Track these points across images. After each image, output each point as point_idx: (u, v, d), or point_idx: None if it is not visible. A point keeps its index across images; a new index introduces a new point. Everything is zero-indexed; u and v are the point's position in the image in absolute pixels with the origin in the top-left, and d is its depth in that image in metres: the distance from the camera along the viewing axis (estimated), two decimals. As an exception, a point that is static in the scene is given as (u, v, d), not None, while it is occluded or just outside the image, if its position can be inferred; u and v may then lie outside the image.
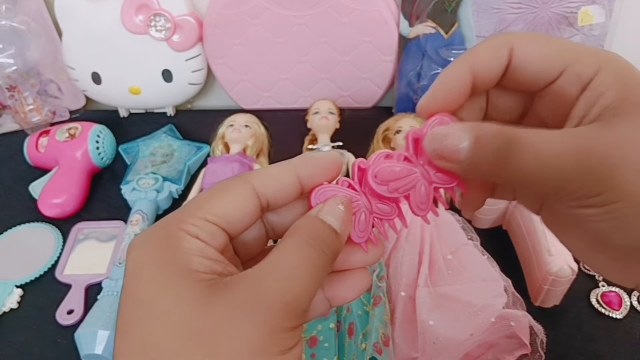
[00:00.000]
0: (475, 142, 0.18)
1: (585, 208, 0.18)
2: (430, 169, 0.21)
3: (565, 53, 0.19)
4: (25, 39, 0.62)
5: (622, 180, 0.17)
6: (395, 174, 0.20)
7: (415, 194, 0.21)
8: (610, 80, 0.18)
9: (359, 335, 0.39)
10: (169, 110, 0.67)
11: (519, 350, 0.39)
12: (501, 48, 0.19)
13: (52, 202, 0.54)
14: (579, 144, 0.17)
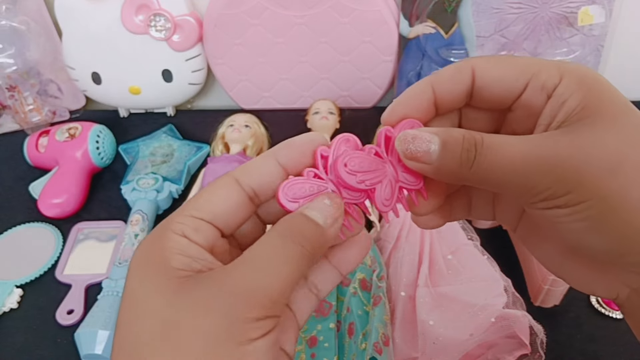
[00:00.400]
0: (444, 145, 0.19)
1: (555, 209, 0.18)
2: (398, 168, 0.21)
3: (528, 67, 0.20)
4: (25, 39, 0.62)
5: (588, 179, 0.17)
6: (365, 166, 0.21)
7: (381, 189, 0.21)
8: (573, 87, 0.19)
9: (359, 335, 0.39)
10: (169, 110, 0.67)
11: (519, 350, 0.39)
12: (463, 71, 0.20)
13: (52, 202, 0.54)
14: (544, 147, 0.18)
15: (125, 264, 0.47)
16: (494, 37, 0.58)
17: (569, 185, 0.18)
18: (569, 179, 0.18)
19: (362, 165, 0.21)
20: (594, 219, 0.18)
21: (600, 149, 0.17)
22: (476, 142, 0.19)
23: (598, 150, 0.17)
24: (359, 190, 0.21)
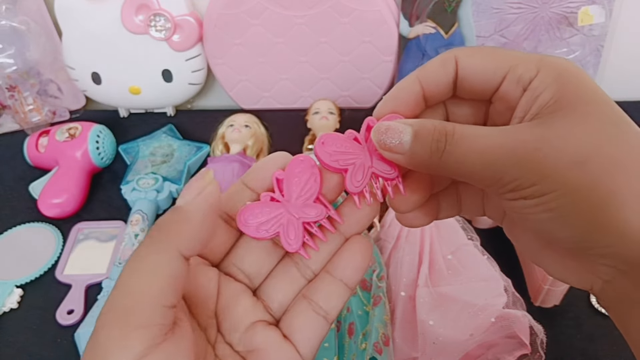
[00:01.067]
0: (415, 135, 0.19)
1: (522, 200, 0.19)
2: (374, 155, 0.22)
3: (506, 59, 0.20)
4: (25, 39, 0.62)
5: (553, 171, 0.18)
6: (341, 148, 0.22)
7: (353, 171, 0.21)
8: (549, 81, 0.19)
9: (359, 335, 0.39)
10: (169, 110, 0.67)
11: (519, 350, 0.39)
12: (447, 62, 0.21)
13: (52, 202, 0.54)
14: (512, 138, 0.18)
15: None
16: (494, 37, 0.58)
17: (535, 177, 0.18)
18: (535, 171, 0.18)
19: (338, 145, 0.22)
20: (559, 210, 0.18)
21: (569, 142, 0.18)
22: (447, 133, 0.19)
23: (566, 143, 0.18)
24: (332, 169, 0.22)
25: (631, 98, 0.66)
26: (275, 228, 0.21)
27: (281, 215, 0.21)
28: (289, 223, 0.21)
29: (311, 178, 0.22)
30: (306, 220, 0.22)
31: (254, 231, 0.21)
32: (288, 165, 0.22)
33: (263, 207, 0.21)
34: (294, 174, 0.22)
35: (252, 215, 0.21)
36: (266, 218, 0.21)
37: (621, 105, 0.20)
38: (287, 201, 0.22)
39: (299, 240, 0.21)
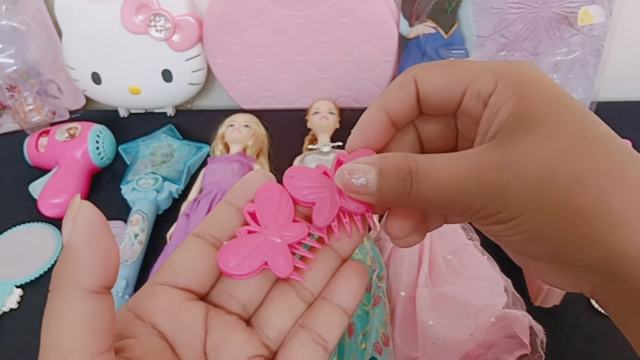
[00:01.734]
0: (380, 174, 0.19)
1: (493, 225, 0.19)
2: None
3: (465, 74, 0.20)
4: (25, 39, 0.62)
5: (517, 195, 0.17)
6: (308, 180, 0.21)
7: (320, 205, 0.21)
8: (507, 94, 0.18)
9: (359, 335, 0.39)
10: (168, 110, 0.67)
11: (519, 350, 0.39)
12: (406, 85, 0.21)
13: (52, 202, 0.54)
14: (473, 166, 0.18)
15: (126, 263, 0.47)
16: (494, 37, 0.58)
17: (500, 204, 0.18)
18: (499, 198, 0.17)
19: (306, 179, 0.21)
20: (530, 232, 0.18)
21: (530, 163, 0.17)
22: (410, 170, 0.19)
23: (527, 164, 0.17)
24: (300, 203, 0.21)
25: (631, 98, 0.66)
26: (261, 258, 0.20)
27: (264, 244, 0.20)
28: (274, 249, 0.20)
29: (282, 201, 0.21)
30: (290, 241, 0.21)
31: (239, 269, 0.20)
32: (255, 198, 0.21)
33: (242, 242, 0.20)
34: (264, 202, 0.21)
35: (233, 253, 0.20)
36: (249, 251, 0.20)
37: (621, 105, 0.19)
38: (265, 229, 0.21)
39: (289, 264, 0.20)
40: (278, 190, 0.21)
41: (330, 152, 0.54)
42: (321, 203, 0.21)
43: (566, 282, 0.20)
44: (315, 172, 0.22)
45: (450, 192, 0.18)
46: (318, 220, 0.21)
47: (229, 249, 0.20)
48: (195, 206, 0.50)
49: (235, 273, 0.20)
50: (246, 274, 0.20)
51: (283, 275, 0.20)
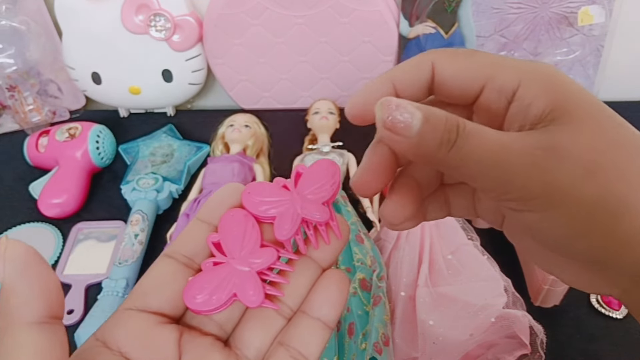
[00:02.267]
0: (425, 121, 0.17)
1: (529, 212, 0.18)
2: (303, 201, 0.20)
3: (484, 68, 0.19)
4: (25, 39, 0.62)
5: (563, 182, 0.17)
6: (267, 195, 0.21)
7: (281, 219, 0.20)
8: (536, 90, 0.18)
9: (359, 335, 0.39)
10: (169, 110, 0.67)
11: (519, 350, 0.39)
12: (422, 65, 0.20)
13: (52, 202, 0.54)
14: (522, 142, 0.17)
15: (126, 263, 0.47)
16: (494, 37, 0.58)
17: (543, 188, 0.17)
18: (543, 182, 0.17)
19: (265, 194, 0.21)
20: (572, 224, 0.17)
21: (575, 152, 0.17)
22: (458, 125, 0.17)
23: (577, 152, 0.17)
24: (259, 219, 0.20)
25: (631, 98, 0.66)
26: (229, 290, 0.19)
27: (231, 275, 0.19)
28: (242, 279, 0.19)
29: (248, 226, 0.20)
30: (259, 268, 0.20)
31: (207, 304, 0.19)
32: (219, 226, 0.20)
33: (208, 276, 0.19)
34: (229, 230, 0.20)
35: (199, 289, 0.19)
36: (216, 284, 0.19)
37: (621, 105, 0.20)
38: (231, 258, 0.20)
39: (259, 293, 0.19)
40: (242, 215, 0.20)
41: (330, 152, 0.55)
42: (282, 216, 0.20)
43: (592, 284, 0.19)
44: (273, 186, 0.21)
45: (495, 158, 0.17)
46: (280, 234, 0.20)
47: (195, 285, 0.19)
48: (195, 206, 0.50)
49: (203, 309, 0.19)
50: (214, 308, 0.19)
51: (253, 305, 0.19)
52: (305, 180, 0.21)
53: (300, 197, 0.21)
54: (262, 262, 0.20)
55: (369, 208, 0.51)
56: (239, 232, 0.20)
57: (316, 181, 0.21)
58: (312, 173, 0.21)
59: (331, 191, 0.21)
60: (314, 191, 0.21)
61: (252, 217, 0.20)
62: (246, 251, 0.20)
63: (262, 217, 0.20)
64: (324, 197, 0.21)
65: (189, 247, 0.20)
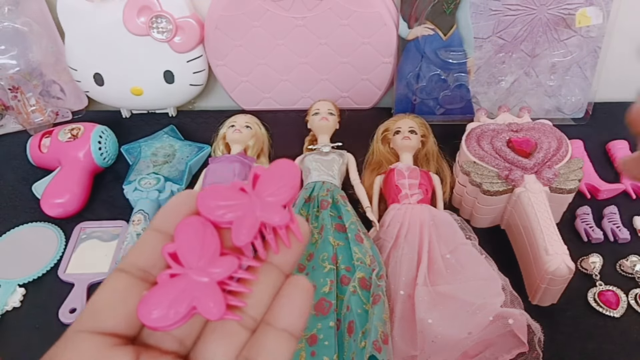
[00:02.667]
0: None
1: None
2: (262, 204, 0.19)
3: None
4: (28, 41, 0.62)
5: None
6: (223, 199, 0.19)
7: (239, 223, 0.19)
8: None
9: (358, 334, 0.40)
10: (170, 111, 0.68)
11: (516, 348, 0.40)
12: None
13: (55, 202, 0.54)
14: None
15: (127, 263, 0.48)
16: (492, 39, 0.59)
17: None
18: None
19: (221, 198, 0.19)
20: None
21: None
22: None
23: None
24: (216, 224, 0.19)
25: (628, 99, 0.66)
26: (188, 303, 0.18)
27: (189, 287, 0.18)
28: (201, 290, 0.18)
29: (206, 234, 0.19)
30: (220, 278, 0.18)
31: (164, 320, 0.17)
32: (174, 235, 0.19)
33: (164, 289, 0.18)
34: (185, 240, 0.19)
35: (155, 304, 0.17)
36: (173, 297, 0.18)
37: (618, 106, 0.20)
38: (189, 269, 0.18)
39: (220, 304, 0.18)
40: (200, 223, 0.19)
41: (330, 152, 0.55)
42: (239, 221, 0.19)
43: None
44: (230, 189, 0.20)
45: None
46: (237, 239, 0.19)
47: (150, 299, 0.18)
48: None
49: (159, 325, 0.17)
50: (172, 324, 0.18)
51: (214, 318, 0.18)
52: (263, 182, 0.20)
53: (259, 199, 0.19)
54: (222, 271, 0.18)
55: (369, 208, 0.51)
56: (197, 241, 0.19)
57: (275, 182, 0.20)
58: (270, 174, 0.20)
59: (291, 192, 0.20)
60: (273, 193, 0.20)
61: (211, 224, 0.19)
62: (205, 260, 0.18)
63: (219, 222, 0.19)
64: (284, 199, 0.19)
65: (143, 260, 0.19)
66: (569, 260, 0.42)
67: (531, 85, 0.62)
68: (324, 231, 0.46)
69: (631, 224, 0.52)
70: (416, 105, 0.64)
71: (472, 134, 0.53)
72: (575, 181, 0.47)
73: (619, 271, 0.48)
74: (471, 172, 0.49)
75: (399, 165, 0.53)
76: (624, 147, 0.59)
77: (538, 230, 0.44)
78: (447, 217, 0.48)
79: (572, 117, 0.64)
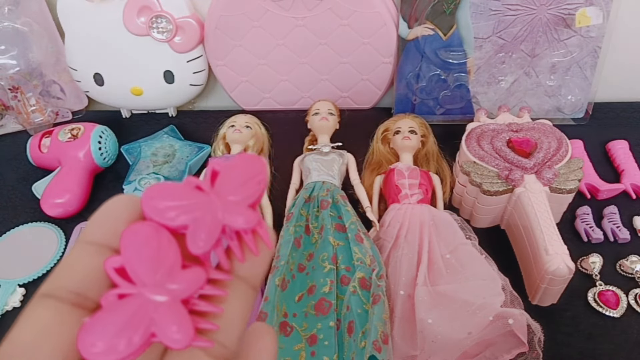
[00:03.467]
0: None
1: None
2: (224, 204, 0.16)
3: None
4: (28, 41, 0.62)
5: None
6: (176, 199, 0.16)
7: (195, 227, 0.16)
8: None
9: (358, 334, 0.40)
10: (170, 111, 0.68)
11: (516, 348, 0.40)
12: None
13: (55, 202, 0.54)
14: None
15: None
16: (492, 39, 0.59)
17: None
18: None
19: (172, 197, 0.16)
20: None
21: None
22: None
23: None
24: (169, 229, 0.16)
25: (628, 99, 0.66)
26: (144, 329, 0.14)
27: (143, 308, 0.14)
28: (160, 312, 0.14)
29: (162, 241, 0.15)
30: (183, 295, 0.15)
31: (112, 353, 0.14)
32: (121, 245, 0.15)
33: (112, 313, 0.14)
34: (134, 250, 0.15)
35: (100, 333, 0.14)
36: (122, 323, 0.14)
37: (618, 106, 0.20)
38: (143, 286, 0.15)
39: (187, 330, 0.14)
40: (152, 229, 0.15)
41: (330, 153, 0.55)
42: (196, 224, 0.16)
43: None
44: (183, 187, 0.16)
45: None
46: (195, 245, 0.15)
47: (93, 328, 0.14)
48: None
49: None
50: (125, 357, 0.14)
51: (180, 346, 0.14)
52: (224, 178, 0.17)
53: (219, 199, 0.16)
54: (186, 287, 0.15)
55: (369, 208, 0.51)
56: (150, 251, 0.15)
57: (238, 179, 0.17)
58: (232, 169, 0.17)
59: (258, 190, 0.17)
60: (236, 191, 0.16)
61: (165, 230, 0.16)
62: (162, 274, 0.15)
63: (170, 227, 0.16)
64: (249, 197, 0.16)
65: (76, 280, 0.15)
66: (569, 260, 0.42)
67: (531, 85, 0.62)
68: (324, 231, 0.46)
69: (631, 224, 0.52)
70: (416, 105, 0.64)
71: (472, 134, 0.53)
72: (575, 181, 0.47)
73: (619, 271, 0.48)
74: (471, 172, 0.49)
75: (399, 165, 0.53)
76: (624, 147, 0.59)
77: (538, 230, 0.44)
78: (447, 217, 0.48)
79: (572, 117, 0.64)
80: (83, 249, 0.15)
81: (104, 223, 0.16)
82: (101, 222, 0.16)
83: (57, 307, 0.14)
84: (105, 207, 0.16)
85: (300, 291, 0.44)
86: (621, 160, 0.58)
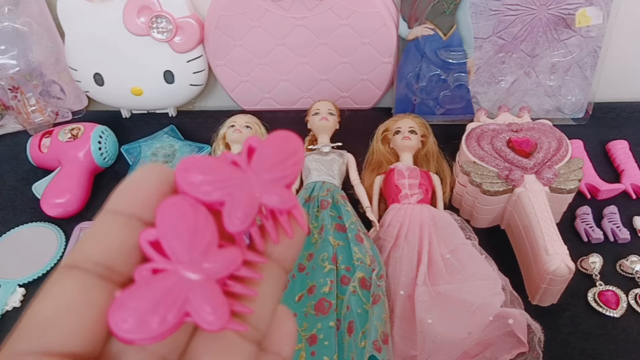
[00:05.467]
0: None
1: None
2: (262, 181, 0.15)
3: None
4: (28, 41, 0.62)
5: None
6: (212, 173, 0.15)
7: (232, 204, 0.15)
8: None
9: (358, 334, 0.40)
10: (170, 111, 0.68)
11: (516, 348, 0.40)
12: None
13: (55, 202, 0.54)
14: None
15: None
16: (492, 39, 0.59)
17: None
18: None
19: (208, 172, 0.15)
20: None
21: None
22: None
23: None
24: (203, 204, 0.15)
25: (628, 99, 0.66)
26: (179, 307, 0.13)
27: (178, 286, 0.14)
28: (195, 291, 0.14)
29: (199, 219, 0.15)
30: (218, 275, 0.14)
31: (144, 331, 0.13)
32: (157, 219, 0.14)
33: (146, 289, 0.13)
34: (171, 225, 0.14)
35: (132, 309, 0.13)
36: (156, 300, 0.13)
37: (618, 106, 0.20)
38: (178, 263, 0.14)
39: (222, 309, 0.14)
40: (189, 205, 0.15)
41: (330, 152, 0.55)
42: (233, 200, 0.15)
43: None
44: (219, 162, 0.15)
45: None
46: (231, 223, 0.15)
47: (126, 303, 0.13)
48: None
49: (137, 338, 0.13)
50: (157, 335, 0.13)
51: (214, 328, 0.14)
52: (260, 155, 0.16)
53: (256, 176, 0.15)
54: (222, 267, 0.14)
55: (369, 208, 0.51)
56: (187, 227, 0.14)
57: (275, 157, 0.16)
58: (269, 147, 0.16)
59: (294, 170, 0.16)
60: (273, 169, 0.16)
61: (203, 207, 0.15)
62: (198, 253, 0.14)
63: (205, 202, 0.15)
64: (285, 177, 0.16)
65: (104, 251, 0.14)
66: (569, 260, 0.42)
67: (531, 85, 0.62)
68: (324, 231, 0.46)
69: (631, 224, 0.52)
70: (416, 105, 0.64)
71: (472, 134, 0.53)
72: (575, 181, 0.47)
73: (619, 271, 0.48)
74: (471, 172, 0.49)
75: (399, 165, 0.53)
76: (624, 147, 0.59)
77: (538, 230, 0.44)
78: (447, 217, 0.48)
79: (572, 117, 0.64)
80: (111, 219, 0.14)
81: (134, 193, 0.15)
82: (131, 191, 0.15)
83: (84, 279, 0.13)
84: (135, 177, 0.15)
85: (300, 291, 0.44)
86: (621, 160, 0.58)
